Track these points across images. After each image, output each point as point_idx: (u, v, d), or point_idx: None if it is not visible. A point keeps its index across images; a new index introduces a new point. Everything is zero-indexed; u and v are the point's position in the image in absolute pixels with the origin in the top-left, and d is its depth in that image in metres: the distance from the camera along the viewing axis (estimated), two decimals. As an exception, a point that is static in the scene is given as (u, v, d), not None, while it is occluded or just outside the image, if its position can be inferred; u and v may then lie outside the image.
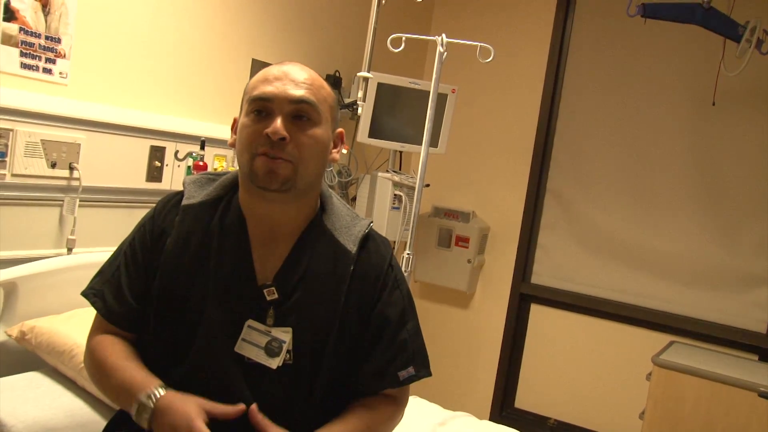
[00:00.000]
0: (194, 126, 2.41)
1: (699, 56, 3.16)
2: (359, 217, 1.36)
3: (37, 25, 1.91)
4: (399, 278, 1.35)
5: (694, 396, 2.57)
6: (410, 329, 1.32)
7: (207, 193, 1.30)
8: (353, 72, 3.10)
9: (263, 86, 1.22)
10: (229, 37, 2.58)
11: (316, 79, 1.26)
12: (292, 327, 1.22)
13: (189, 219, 1.27)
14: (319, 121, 1.23)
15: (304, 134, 1.20)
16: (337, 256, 1.27)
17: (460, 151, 3.63)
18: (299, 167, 1.20)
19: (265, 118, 1.20)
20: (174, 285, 1.24)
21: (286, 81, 1.22)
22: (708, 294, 3.19)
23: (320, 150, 1.24)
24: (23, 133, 1.86)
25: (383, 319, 1.29)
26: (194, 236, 1.26)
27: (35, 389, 1.68)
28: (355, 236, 1.30)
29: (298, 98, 1.20)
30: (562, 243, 3.53)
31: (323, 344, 1.24)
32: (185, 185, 1.33)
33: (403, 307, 1.32)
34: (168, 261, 1.25)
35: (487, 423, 2.20)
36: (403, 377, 1.29)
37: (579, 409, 3.48)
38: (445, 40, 2.49)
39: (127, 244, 1.32)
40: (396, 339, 1.29)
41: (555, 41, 3.51)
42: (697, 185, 3.22)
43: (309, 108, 1.21)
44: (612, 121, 3.40)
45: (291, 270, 1.25)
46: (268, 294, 1.23)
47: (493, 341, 3.66)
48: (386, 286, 1.31)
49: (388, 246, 1.37)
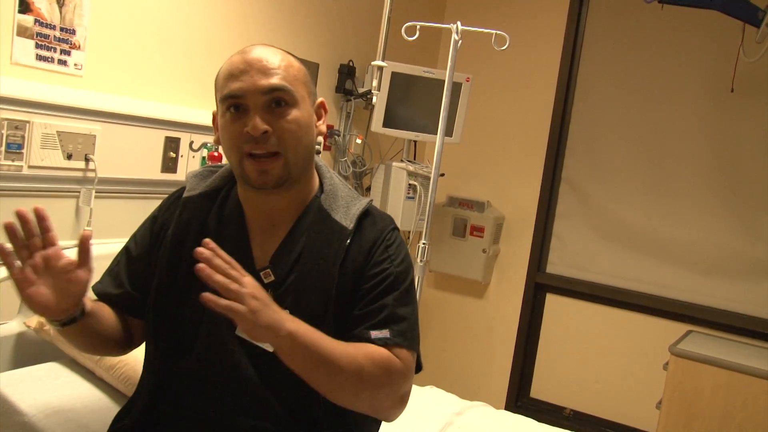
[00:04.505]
0: (209, 117, 2.39)
1: (717, 42, 3.11)
2: (360, 196, 1.34)
3: (52, 17, 1.91)
4: (391, 249, 1.28)
5: (711, 386, 2.55)
6: (396, 298, 1.23)
7: (207, 185, 1.32)
8: (366, 61, 3.08)
9: (231, 83, 1.20)
10: (243, 27, 2.57)
11: (282, 58, 1.22)
12: (289, 309, 1.20)
13: (189, 210, 1.29)
14: (296, 102, 1.21)
15: (284, 121, 1.19)
16: (333, 233, 1.25)
17: (474, 141, 3.61)
18: (288, 156, 1.20)
19: (242, 114, 1.19)
20: (175, 275, 1.25)
21: (253, 72, 1.19)
22: (726, 283, 3.16)
23: (305, 131, 1.22)
24: (39, 124, 1.87)
25: (365, 284, 1.24)
26: (193, 226, 1.28)
27: (54, 379, 1.69)
28: (353, 214, 1.28)
29: (269, 87, 1.18)
30: (578, 232, 3.50)
31: (320, 323, 1.21)
32: (188, 179, 1.35)
33: (392, 277, 1.24)
34: (168, 251, 1.27)
35: (504, 413, 2.20)
36: (375, 336, 1.19)
37: (595, 399, 3.46)
38: (461, 27, 2.47)
39: (131, 239, 1.37)
40: (375, 302, 1.22)
41: (570, 29, 3.47)
42: (714, 173, 3.18)
43: (283, 93, 1.19)
44: (628, 108, 3.37)
45: (287, 252, 1.25)
46: (265, 276, 1.23)
47: (509, 331, 3.65)
48: (372, 260, 1.25)
49: (388, 221, 1.33)
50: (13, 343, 1.84)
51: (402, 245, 1.32)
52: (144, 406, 1.26)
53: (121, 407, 1.61)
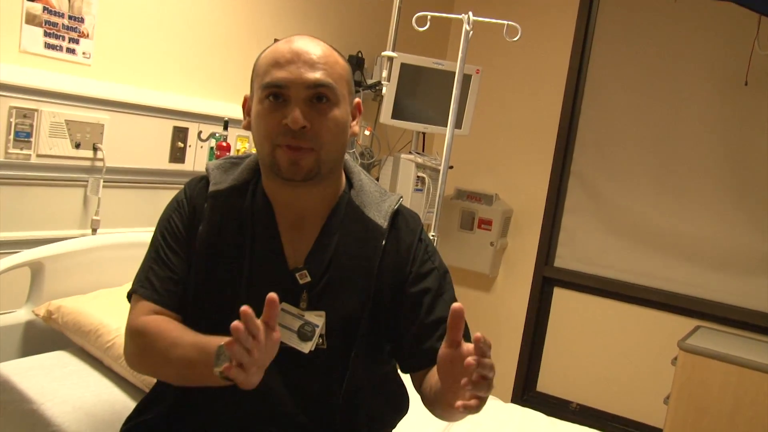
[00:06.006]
0: (217, 106, 2.40)
1: (731, 34, 3.07)
2: (388, 192, 1.32)
3: (61, 5, 1.91)
4: (430, 251, 1.30)
5: (720, 381, 2.54)
6: (447, 300, 1.26)
7: (234, 178, 1.27)
8: (375, 52, 3.07)
9: (275, 71, 1.16)
10: (252, 17, 2.56)
11: (330, 54, 1.20)
12: (325, 310, 1.20)
13: (219, 205, 1.24)
14: (338, 101, 1.18)
15: (324, 118, 1.16)
16: (368, 232, 1.24)
17: (483, 133, 3.59)
18: (321, 154, 1.17)
19: (282, 105, 1.15)
20: (211, 273, 1.22)
21: (300, 63, 1.15)
22: (735, 278, 3.14)
23: (341, 131, 1.20)
24: (48, 113, 1.86)
25: (418, 295, 1.25)
26: (228, 223, 1.23)
27: (63, 368, 1.69)
28: (385, 211, 1.26)
29: (314, 82, 1.15)
30: (586, 226, 3.49)
31: (356, 325, 1.21)
32: (209, 171, 1.30)
33: (438, 280, 1.27)
34: (203, 249, 1.22)
35: (512, 406, 2.19)
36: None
37: (602, 393, 3.45)
38: (472, 18, 2.45)
39: (158, 236, 1.28)
40: (432, 313, 1.24)
41: (581, 22, 3.44)
42: (725, 167, 3.15)
43: (327, 90, 1.16)
44: (638, 102, 3.34)
45: (321, 251, 1.22)
46: (301, 277, 1.21)
47: (516, 325, 3.64)
48: (417, 261, 1.27)
49: (417, 220, 1.33)
50: (21, 331, 1.84)
51: (432, 243, 1.34)
52: (170, 406, 1.25)
53: (128, 396, 1.63)
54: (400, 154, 3.10)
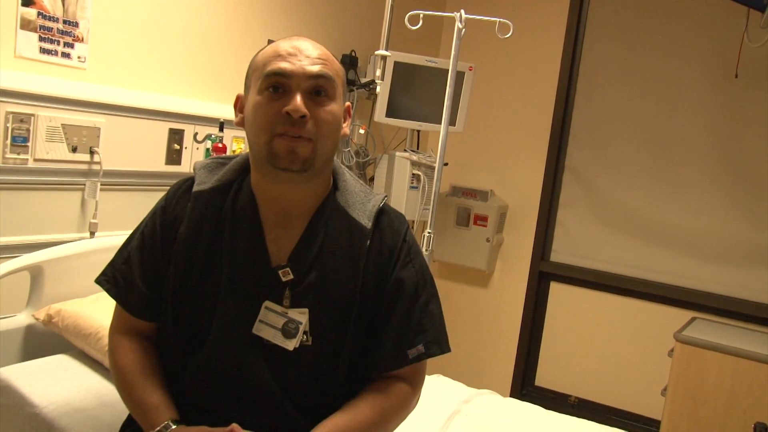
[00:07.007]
0: (212, 108, 2.41)
1: (721, 28, 3.10)
2: (373, 192, 1.33)
3: (55, 10, 1.91)
4: (413, 252, 1.30)
5: (716, 372, 2.56)
6: (422, 303, 1.27)
7: (218, 178, 1.28)
8: (368, 51, 3.08)
9: (278, 62, 1.19)
10: (246, 18, 2.57)
11: (328, 54, 1.25)
12: (308, 308, 1.21)
13: (201, 206, 1.25)
14: (335, 96, 1.22)
15: (322, 110, 1.19)
16: (352, 232, 1.25)
17: (477, 130, 3.61)
18: (317, 145, 1.19)
19: (282, 96, 1.18)
20: (190, 274, 1.23)
21: (301, 56, 1.20)
22: (730, 269, 3.16)
23: (337, 126, 1.23)
24: (44, 117, 1.87)
25: (393, 295, 1.26)
26: (207, 223, 1.24)
27: (64, 371, 1.70)
28: (369, 211, 1.28)
29: (316, 73, 1.19)
30: (582, 220, 3.50)
31: (342, 324, 1.22)
32: (196, 171, 1.31)
33: (416, 282, 1.28)
34: (182, 250, 1.24)
35: (511, 400, 2.21)
36: (413, 355, 1.24)
37: (600, 386, 3.47)
38: (464, 16, 2.46)
39: (138, 232, 1.31)
40: (407, 315, 1.25)
41: (572, 17, 3.46)
42: (719, 159, 3.17)
43: (327, 83, 1.20)
44: (631, 96, 3.36)
45: (305, 249, 1.23)
46: (283, 275, 1.22)
47: (513, 320, 3.66)
48: (399, 261, 1.27)
49: (403, 220, 1.34)
50: (22, 335, 1.85)
51: (416, 244, 1.34)
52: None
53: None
54: (395, 152, 3.11)
